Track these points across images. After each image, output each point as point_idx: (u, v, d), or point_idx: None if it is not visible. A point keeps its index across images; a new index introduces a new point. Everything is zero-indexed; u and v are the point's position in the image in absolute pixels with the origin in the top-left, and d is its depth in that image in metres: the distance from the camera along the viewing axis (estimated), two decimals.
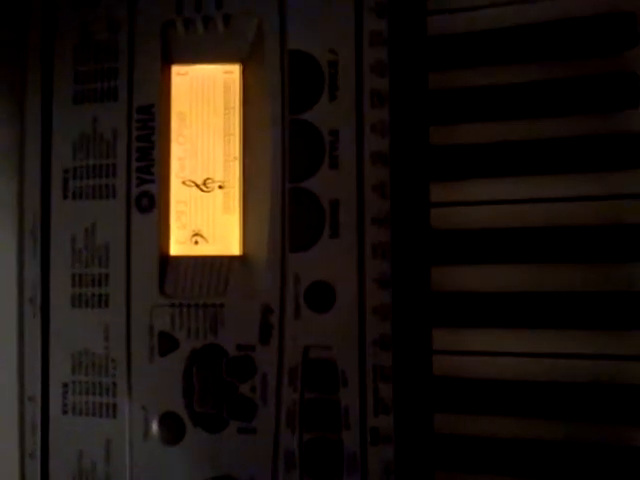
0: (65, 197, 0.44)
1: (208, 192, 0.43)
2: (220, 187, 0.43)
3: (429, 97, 0.40)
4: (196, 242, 0.43)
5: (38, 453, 0.43)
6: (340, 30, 0.41)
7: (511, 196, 0.39)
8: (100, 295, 0.42)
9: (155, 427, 0.41)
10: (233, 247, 0.42)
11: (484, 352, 0.39)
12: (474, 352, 0.39)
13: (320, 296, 0.39)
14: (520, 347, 0.38)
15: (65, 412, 0.42)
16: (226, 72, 0.44)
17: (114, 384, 0.42)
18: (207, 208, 0.43)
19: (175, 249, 0.43)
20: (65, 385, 0.43)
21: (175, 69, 0.44)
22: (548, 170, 0.39)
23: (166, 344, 0.41)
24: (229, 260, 0.42)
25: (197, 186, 0.43)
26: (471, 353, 0.39)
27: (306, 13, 0.42)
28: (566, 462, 0.37)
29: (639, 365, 0.37)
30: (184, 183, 0.43)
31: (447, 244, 0.39)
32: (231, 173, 0.43)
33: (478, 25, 0.40)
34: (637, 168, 0.37)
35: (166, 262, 0.42)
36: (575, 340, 0.37)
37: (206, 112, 0.44)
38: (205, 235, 0.43)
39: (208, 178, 0.43)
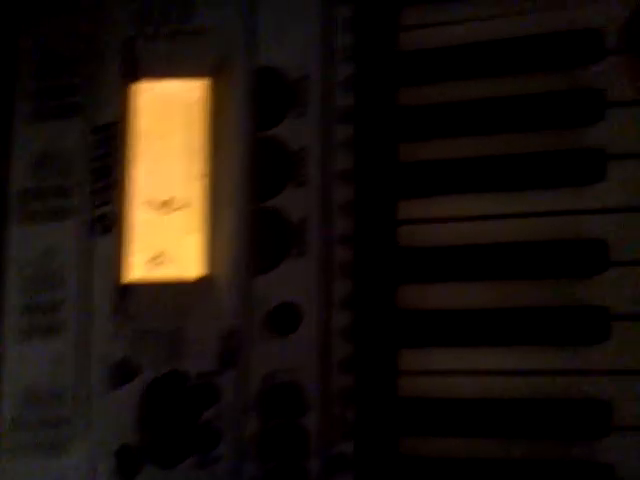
0: (20, 220, 0.42)
1: (171, 212, 0.41)
2: (183, 207, 0.41)
3: (397, 113, 0.39)
4: (158, 265, 0.41)
5: None
6: (309, 46, 0.40)
7: (478, 212, 0.38)
8: (54, 323, 0.40)
9: (111, 462, 0.38)
10: (196, 269, 0.40)
11: (451, 371, 0.37)
12: (441, 371, 0.37)
13: (285, 318, 0.37)
14: (487, 365, 0.37)
15: (15, 449, 0.40)
16: (192, 88, 0.42)
17: (68, 418, 0.39)
18: (170, 229, 0.41)
19: (135, 273, 0.41)
20: (15, 421, 0.40)
21: (139, 86, 0.43)
22: (513, 186, 0.38)
23: (123, 373, 0.39)
24: (192, 283, 0.40)
25: (158, 206, 0.41)
26: (438, 373, 0.37)
27: (275, 29, 0.41)
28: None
29: (603, 379, 0.35)
30: (145, 204, 0.41)
31: (414, 262, 0.38)
32: (195, 192, 0.41)
33: (447, 41, 0.39)
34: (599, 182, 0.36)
35: (125, 286, 0.40)
36: (541, 356, 0.36)
37: (170, 130, 0.42)
38: (167, 257, 0.41)
39: (171, 198, 0.41)
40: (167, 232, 0.41)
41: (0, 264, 0.41)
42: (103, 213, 0.40)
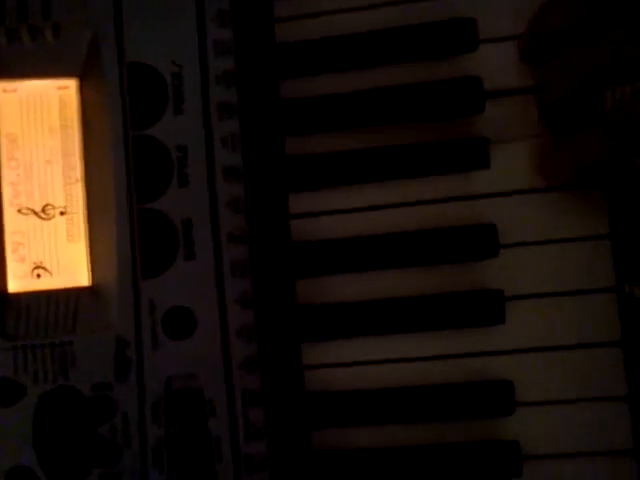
0: None
1: (48, 219, 0.39)
2: (62, 213, 0.39)
3: (282, 107, 0.39)
4: (38, 275, 0.39)
5: None
6: (182, 41, 0.39)
7: (368, 203, 0.39)
8: None
9: None
10: (81, 278, 0.39)
11: (354, 362, 0.38)
12: (343, 364, 0.38)
13: (179, 322, 0.37)
14: (387, 354, 0.38)
15: None
16: (60, 87, 0.40)
17: None
18: (48, 237, 0.39)
19: (13, 285, 0.38)
20: None
21: (0, 85, 0.40)
22: (402, 175, 0.39)
23: (10, 392, 0.37)
24: (77, 292, 0.38)
25: (35, 214, 0.39)
26: (340, 365, 0.38)
27: (145, 23, 0.39)
28: (441, 463, 0.37)
29: (500, 359, 0.37)
30: (20, 211, 0.39)
31: (309, 256, 0.38)
32: (73, 197, 0.39)
33: (325, 31, 0.39)
34: (484, 169, 0.38)
35: (4, 300, 0.38)
36: (441, 341, 0.38)
37: (41, 132, 0.40)
38: (48, 267, 0.39)
39: (47, 204, 0.39)
40: (46, 241, 0.39)
41: None
42: None
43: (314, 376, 0.38)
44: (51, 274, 0.39)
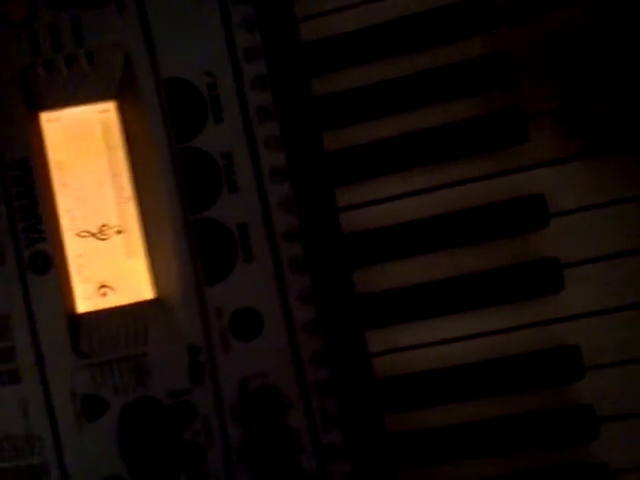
0: None
1: (106, 239, 0.41)
2: (118, 232, 0.41)
3: (315, 103, 0.40)
4: (104, 294, 0.40)
5: None
6: (213, 51, 0.40)
7: (415, 187, 0.40)
8: (9, 371, 0.39)
9: None
10: (145, 292, 0.40)
11: (420, 345, 0.39)
12: (410, 347, 0.39)
13: (246, 324, 0.38)
14: (451, 333, 0.39)
15: None
16: (101, 111, 0.41)
17: (44, 463, 0.38)
18: (108, 256, 0.41)
19: (82, 306, 0.40)
20: None
21: (44, 116, 0.41)
22: (442, 158, 0.39)
23: (93, 407, 0.38)
24: (143, 306, 0.40)
25: (93, 235, 0.41)
26: (406, 348, 0.39)
27: (174, 38, 0.40)
28: (517, 434, 0.38)
29: (563, 326, 0.38)
30: (78, 235, 0.41)
31: (361, 246, 0.39)
32: (127, 215, 0.41)
33: (348, 26, 0.40)
34: (524, 142, 0.39)
35: (75, 321, 0.39)
36: (501, 315, 0.38)
37: (87, 157, 0.41)
38: (112, 285, 0.40)
39: (104, 225, 0.41)
40: (107, 260, 0.40)
41: None
42: (37, 251, 0.39)
43: (382, 362, 0.39)
44: (115, 291, 0.40)
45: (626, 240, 0.38)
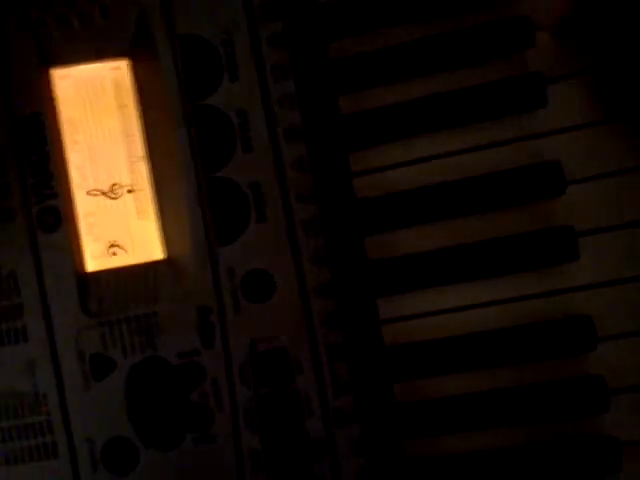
0: None
1: (117, 198, 0.40)
2: (129, 191, 0.40)
3: (332, 66, 0.39)
4: (114, 253, 0.40)
5: None
6: (229, 8, 0.39)
7: (428, 153, 0.39)
8: (16, 329, 0.38)
9: (104, 457, 0.38)
10: (155, 252, 0.39)
11: (432, 312, 0.38)
12: (423, 314, 0.38)
13: (258, 285, 0.37)
14: (463, 301, 0.38)
15: (4, 458, 0.38)
16: (113, 68, 0.41)
17: (49, 421, 0.38)
18: (119, 216, 0.40)
19: (92, 265, 0.39)
20: None
21: (55, 72, 0.40)
22: (458, 123, 0.39)
23: (101, 366, 0.38)
24: (154, 266, 0.39)
25: (104, 194, 0.40)
26: (418, 316, 0.38)
27: None
28: (527, 403, 0.37)
29: (581, 295, 0.37)
30: (89, 193, 0.40)
31: (374, 211, 0.39)
32: (139, 175, 0.40)
33: None
34: (540, 108, 0.38)
35: (85, 280, 0.39)
36: (517, 283, 0.38)
37: (99, 114, 0.41)
38: (122, 245, 0.40)
39: (114, 184, 0.40)
40: (117, 219, 0.40)
41: None
42: (47, 207, 0.39)
43: (392, 330, 0.38)
44: (126, 251, 0.40)
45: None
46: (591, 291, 0.37)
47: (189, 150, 0.38)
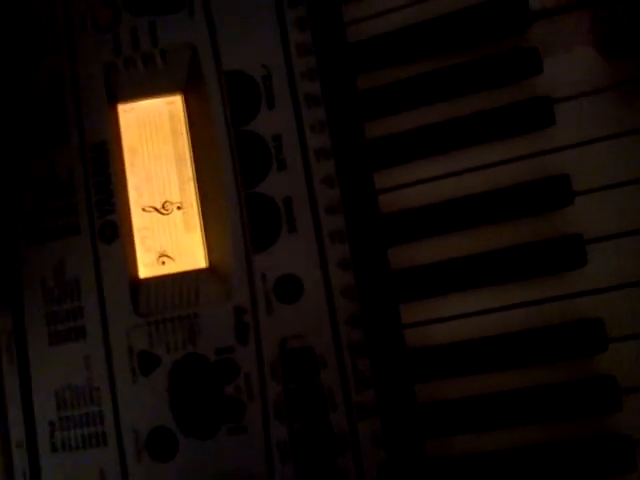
0: (29, 242, 0.45)
1: (168, 214, 0.45)
2: (179, 208, 0.45)
3: (360, 96, 0.44)
4: (163, 262, 0.44)
5: None
6: (269, 46, 0.44)
7: (449, 170, 0.42)
8: (76, 328, 0.43)
9: (148, 445, 0.41)
10: (199, 261, 0.44)
11: (450, 317, 0.41)
12: (439, 319, 0.41)
13: (288, 288, 0.41)
14: (481, 305, 0.41)
15: (55, 450, 0.43)
16: (169, 102, 0.47)
17: (101, 412, 0.42)
18: (169, 229, 0.45)
19: (144, 272, 0.44)
20: (52, 424, 0.43)
21: (121, 107, 0.46)
22: (473, 142, 0.42)
23: (147, 362, 0.42)
24: (197, 273, 0.43)
25: (156, 210, 0.45)
26: (438, 320, 0.41)
27: (235, 35, 0.45)
28: (541, 404, 0.39)
29: (586, 300, 0.40)
30: (144, 209, 0.45)
31: (396, 225, 0.42)
32: (187, 193, 0.45)
33: (391, 26, 0.44)
34: (548, 127, 0.41)
35: (137, 285, 0.44)
36: (529, 289, 0.40)
37: (155, 142, 0.46)
38: (170, 255, 0.45)
39: (166, 201, 0.45)
40: (167, 232, 0.45)
41: (17, 282, 0.44)
42: (107, 221, 0.44)
43: (414, 333, 0.41)
44: (174, 260, 0.44)
45: None
46: (602, 295, 0.39)
47: (231, 169, 0.43)
